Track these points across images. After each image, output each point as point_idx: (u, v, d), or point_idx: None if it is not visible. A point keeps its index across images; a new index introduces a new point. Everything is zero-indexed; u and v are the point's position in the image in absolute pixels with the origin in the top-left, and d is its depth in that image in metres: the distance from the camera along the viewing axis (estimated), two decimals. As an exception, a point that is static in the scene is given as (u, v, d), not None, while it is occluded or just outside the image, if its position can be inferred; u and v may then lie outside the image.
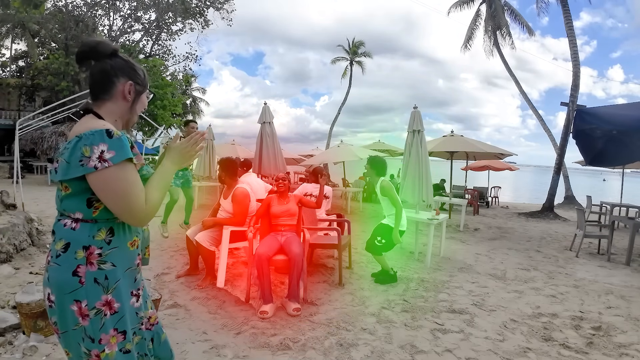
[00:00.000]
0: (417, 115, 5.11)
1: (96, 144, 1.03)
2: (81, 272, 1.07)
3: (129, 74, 1.19)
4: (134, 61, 1.25)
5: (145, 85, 1.26)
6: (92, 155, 1.02)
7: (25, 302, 2.34)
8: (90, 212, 1.09)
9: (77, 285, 1.06)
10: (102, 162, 1.02)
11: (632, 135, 4.55)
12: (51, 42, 17.00)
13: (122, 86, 1.18)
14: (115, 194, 1.05)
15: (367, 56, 31.54)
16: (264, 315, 2.89)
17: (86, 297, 1.07)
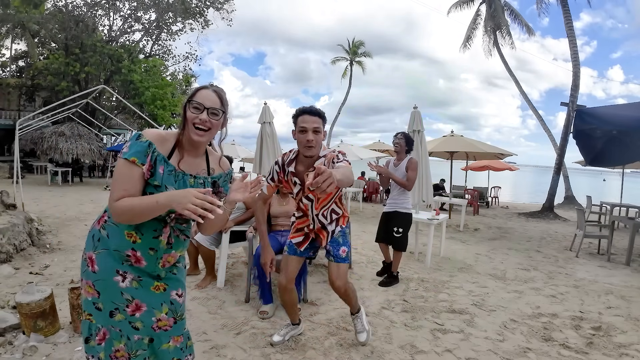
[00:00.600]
0: (417, 116, 5.11)
1: (129, 140, 1.28)
2: (94, 225, 1.37)
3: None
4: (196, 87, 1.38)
5: (188, 99, 1.33)
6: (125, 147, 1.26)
7: (25, 302, 2.34)
8: None
9: (87, 237, 1.37)
10: (122, 152, 1.24)
11: (632, 135, 4.56)
12: (51, 42, 17.00)
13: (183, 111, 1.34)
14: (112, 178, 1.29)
15: (367, 56, 31.58)
16: (264, 315, 2.89)
17: (86, 244, 1.36)
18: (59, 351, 2.27)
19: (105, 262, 1.30)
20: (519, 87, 17.01)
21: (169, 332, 1.41)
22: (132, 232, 1.29)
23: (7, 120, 17.69)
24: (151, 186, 1.26)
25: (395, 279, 3.88)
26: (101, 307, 1.32)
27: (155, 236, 1.31)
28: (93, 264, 1.30)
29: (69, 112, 10.39)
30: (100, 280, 1.30)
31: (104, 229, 1.31)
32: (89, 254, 1.32)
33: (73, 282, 3.33)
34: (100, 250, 1.30)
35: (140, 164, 1.23)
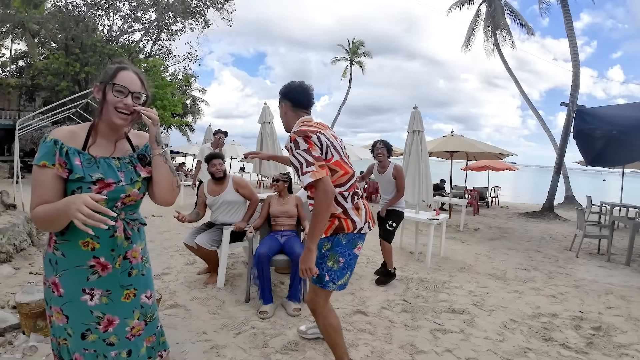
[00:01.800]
0: (417, 116, 5.12)
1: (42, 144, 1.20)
2: (46, 249, 1.28)
3: (98, 78, 1.28)
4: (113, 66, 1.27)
5: (105, 79, 1.24)
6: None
7: (25, 302, 2.34)
8: None
9: (45, 259, 1.28)
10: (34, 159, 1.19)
11: (632, 136, 4.55)
12: (51, 42, 16.99)
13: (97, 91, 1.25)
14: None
15: (367, 56, 31.60)
16: (264, 315, 2.88)
17: (45, 269, 1.27)
18: (59, 351, 2.27)
19: (70, 283, 1.23)
20: (519, 87, 17.01)
21: (142, 336, 1.37)
22: (87, 240, 1.21)
23: (7, 120, 17.68)
24: (74, 182, 1.19)
25: (391, 276, 3.89)
26: (71, 333, 1.26)
27: (111, 235, 1.24)
28: (58, 287, 1.23)
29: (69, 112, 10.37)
30: (68, 303, 1.23)
31: (57, 250, 1.23)
32: (51, 280, 1.24)
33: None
34: (61, 272, 1.22)
35: (51, 165, 1.17)
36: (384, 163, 4.06)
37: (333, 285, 1.92)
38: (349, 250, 1.93)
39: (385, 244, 3.92)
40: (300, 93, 2.00)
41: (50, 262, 1.25)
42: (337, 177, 1.89)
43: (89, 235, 1.15)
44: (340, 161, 1.91)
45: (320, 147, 1.83)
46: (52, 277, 1.24)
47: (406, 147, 5.30)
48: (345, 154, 2.02)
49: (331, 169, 1.86)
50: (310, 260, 1.78)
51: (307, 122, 1.95)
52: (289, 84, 2.06)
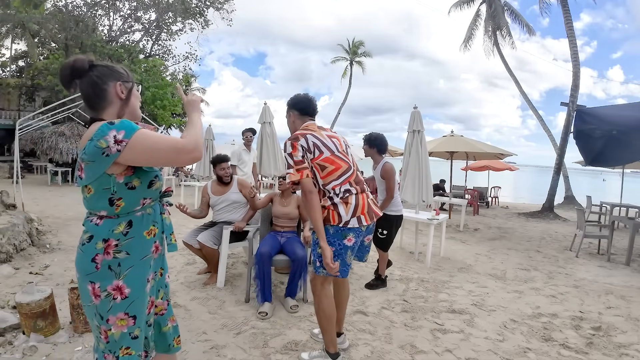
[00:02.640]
0: (417, 116, 5.11)
1: (106, 134, 1.14)
2: (98, 259, 1.22)
3: (113, 76, 1.29)
4: (112, 64, 1.33)
5: (130, 79, 1.34)
6: (109, 143, 1.14)
7: (25, 302, 2.34)
8: (113, 209, 1.24)
9: (93, 270, 1.22)
10: (119, 144, 1.14)
11: (632, 136, 4.55)
12: (51, 42, 16.98)
13: (113, 89, 1.28)
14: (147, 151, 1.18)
15: (366, 56, 31.62)
16: (262, 316, 2.88)
17: (99, 280, 1.22)
18: (59, 351, 2.27)
19: (136, 278, 1.27)
20: (519, 87, 17.01)
21: (165, 316, 1.49)
22: (151, 227, 1.32)
23: (7, 120, 17.69)
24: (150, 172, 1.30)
25: (382, 283, 3.76)
26: (138, 334, 1.29)
27: (162, 218, 1.39)
28: (122, 290, 1.24)
29: (69, 112, 10.38)
30: (135, 301, 1.26)
31: (118, 253, 1.24)
32: (113, 285, 1.23)
33: (73, 282, 3.33)
34: (126, 272, 1.25)
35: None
36: (375, 159, 3.76)
37: (323, 270, 2.09)
38: (339, 241, 2.07)
39: (379, 251, 3.77)
40: (305, 104, 2.26)
41: (109, 268, 1.23)
42: (328, 172, 2.08)
43: (152, 223, 1.31)
44: (331, 157, 2.09)
45: (307, 149, 2.06)
46: (112, 282, 1.22)
47: (406, 147, 5.29)
48: (342, 150, 2.18)
49: (320, 165, 2.07)
50: (326, 257, 2.00)
51: (306, 126, 2.18)
52: (296, 96, 2.31)
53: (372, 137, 3.72)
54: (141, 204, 1.29)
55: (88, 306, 1.26)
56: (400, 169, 5.61)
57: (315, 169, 2.07)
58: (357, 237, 2.11)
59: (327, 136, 2.15)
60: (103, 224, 1.24)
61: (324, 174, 2.07)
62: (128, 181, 1.23)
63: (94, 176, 1.19)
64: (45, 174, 13.55)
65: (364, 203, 2.12)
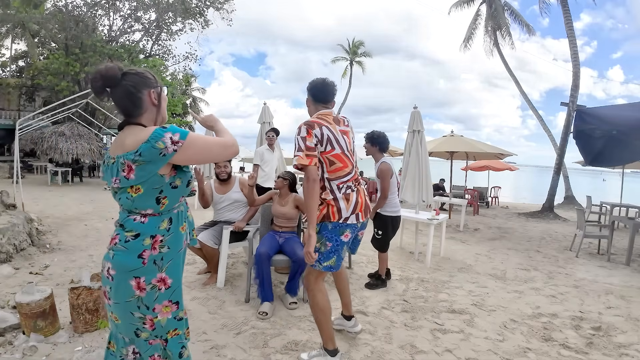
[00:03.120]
0: (417, 116, 5.11)
1: (163, 136, 1.24)
2: (145, 255, 1.31)
3: (145, 83, 1.34)
4: (141, 69, 1.38)
5: (158, 83, 1.40)
6: (166, 144, 1.23)
7: (25, 302, 2.34)
8: (159, 207, 1.33)
9: (139, 266, 1.30)
10: (175, 144, 1.24)
11: (632, 136, 4.55)
12: (51, 42, 16.97)
13: (147, 97, 1.35)
14: (204, 150, 1.33)
15: (366, 56, 31.62)
16: (263, 316, 2.88)
17: (144, 275, 1.31)
18: (59, 351, 2.27)
19: (175, 269, 1.39)
20: (519, 87, 17.01)
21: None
22: (184, 224, 1.44)
23: (7, 120, 17.69)
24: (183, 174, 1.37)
25: (382, 282, 3.76)
26: (182, 316, 1.45)
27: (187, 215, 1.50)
28: (165, 281, 1.35)
29: (69, 112, 10.39)
30: (176, 289, 1.40)
31: (163, 247, 1.34)
32: (157, 278, 1.33)
33: (73, 282, 3.33)
34: (167, 265, 1.35)
35: None
36: (376, 157, 3.75)
37: (319, 265, 2.13)
38: (336, 237, 2.12)
39: (378, 252, 3.80)
40: (319, 89, 2.24)
41: (154, 263, 1.32)
42: (336, 169, 2.12)
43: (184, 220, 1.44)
44: (340, 154, 2.12)
45: (320, 140, 2.06)
46: (157, 275, 1.33)
47: (406, 147, 5.30)
48: (350, 149, 2.21)
49: (329, 160, 2.10)
50: (310, 244, 2.01)
51: (322, 115, 2.18)
52: (314, 80, 2.28)
53: (374, 135, 3.73)
54: (179, 202, 1.41)
55: (128, 302, 1.32)
56: (399, 168, 5.60)
57: (323, 161, 2.10)
58: (352, 233, 2.18)
59: (340, 132, 2.16)
60: (149, 221, 1.33)
61: (331, 169, 2.11)
62: (172, 181, 1.32)
63: (146, 176, 1.26)
64: (45, 174, 13.55)
65: (362, 200, 2.19)
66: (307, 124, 2.07)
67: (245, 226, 3.63)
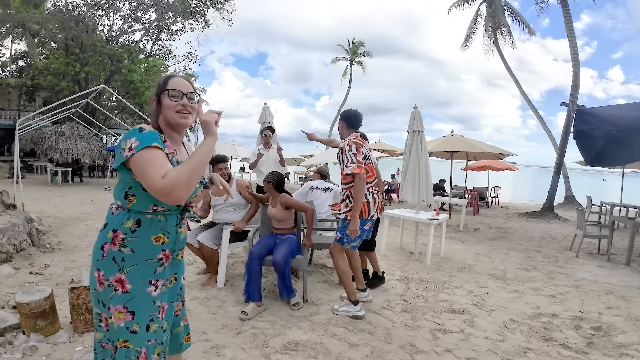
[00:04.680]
0: (417, 116, 5.11)
1: (129, 138, 1.23)
2: (105, 248, 1.28)
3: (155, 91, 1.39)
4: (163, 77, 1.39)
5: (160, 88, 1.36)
6: (125, 147, 1.22)
7: (25, 302, 2.34)
8: (126, 203, 1.30)
9: (100, 257, 1.29)
10: (129, 151, 1.21)
11: (632, 136, 4.54)
12: (51, 42, 16.97)
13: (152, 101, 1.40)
14: (138, 173, 1.22)
15: (367, 56, 31.61)
16: (243, 316, 2.83)
17: (103, 269, 1.28)
18: (59, 351, 2.27)
19: (138, 277, 1.29)
20: (519, 87, 17.01)
21: (179, 316, 1.52)
22: (160, 235, 1.32)
23: (7, 120, 17.67)
24: None
25: (380, 280, 3.76)
26: (137, 329, 1.28)
27: (177, 230, 1.38)
28: (124, 284, 1.27)
29: (69, 112, 10.38)
30: (135, 298, 1.28)
31: (124, 247, 1.27)
32: (116, 277, 1.27)
33: (73, 282, 3.32)
34: (129, 268, 1.28)
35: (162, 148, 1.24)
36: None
37: (347, 244, 2.97)
38: (362, 226, 2.91)
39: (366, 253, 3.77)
40: (352, 119, 3.07)
41: (114, 260, 1.27)
42: (368, 176, 2.93)
43: (162, 231, 1.32)
44: (372, 166, 2.98)
45: (364, 157, 2.90)
46: (115, 274, 1.27)
47: (406, 147, 5.29)
48: (374, 162, 3.03)
49: (366, 169, 2.89)
50: (355, 224, 2.80)
51: (357, 138, 2.97)
52: (347, 110, 3.14)
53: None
54: (151, 209, 1.30)
55: (93, 292, 1.31)
56: (398, 168, 5.60)
57: None
58: (371, 224, 3.01)
59: (368, 149, 2.98)
60: (117, 214, 1.30)
61: (366, 176, 2.88)
62: None
63: (117, 164, 1.26)
64: (45, 174, 13.55)
65: (380, 201, 3.02)
66: (356, 144, 2.87)
67: (245, 226, 3.62)
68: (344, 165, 2.84)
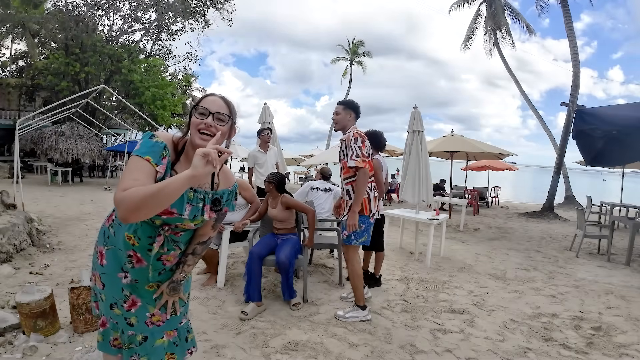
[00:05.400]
0: (417, 115, 5.12)
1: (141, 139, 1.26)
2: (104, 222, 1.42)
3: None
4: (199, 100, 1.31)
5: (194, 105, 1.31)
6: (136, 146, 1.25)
7: (25, 302, 2.34)
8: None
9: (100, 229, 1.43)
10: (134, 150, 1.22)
11: (632, 136, 4.54)
12: (51, 42, 16.97)
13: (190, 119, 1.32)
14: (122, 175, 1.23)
15: (367, 56, 31.61)
16: (243, 316, 2.84)
17: (98, 238, 1.42)
18: (59, 351, 2.27)
19: (112, 258, 1.35)
20: (520, 88, 17.01)
21: (162, 327, 1.43)
22: (131, 235, 1.28)
23: (7, 120, 17.66)
24: None
25: (377, 282, 3.77)
26: (103, 299, 1.39)
27: (150, 243, 1.29)
28: (102, 257, 1.37)
29: (69, 112, 10.39)
30: (106, 274, 1.36)
31: (111, 227, 1.35)
32: (99, 248, 1.38)
33: (73, 282, 3.33)
34: (109, 247, 1.35)
35: (154, 163, 1.17)
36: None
37: (355, 241, 2.85)
38: (367, 220, 2.86)
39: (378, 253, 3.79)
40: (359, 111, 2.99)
41: (104, 234, 1.38)
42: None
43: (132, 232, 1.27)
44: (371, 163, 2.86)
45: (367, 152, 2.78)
46: (100, 246, 1.38)
47: (406, 147, 5.30)
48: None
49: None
50: (354, 218, 2.75)
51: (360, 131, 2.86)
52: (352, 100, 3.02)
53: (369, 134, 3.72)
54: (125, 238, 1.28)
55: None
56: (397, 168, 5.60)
57: None
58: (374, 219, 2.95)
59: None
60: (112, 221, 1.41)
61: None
62: None
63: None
64: (45, 174, 13.55)
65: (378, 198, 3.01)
66: (361, 136, 2.76)
67: (245, 226, 3.62)
68: (347, 157, 2.70)
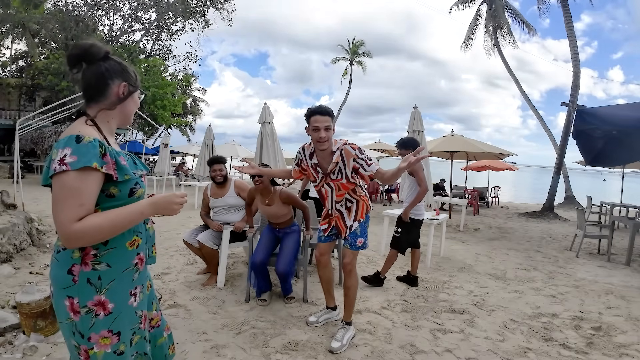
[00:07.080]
0: (417, 115, 5.12)
1: (62, 148, 1.02)
2: (75, 271, 1.09)
3: (122, 75, 1.20)
4: (125, 62, 1.25)
5: (137, 85, 1.25)
6: (56, 158, 1.01)
7: (25, 302, 2.34)
8: None
9: (70, 283, 1.09)
10: (61, 165, 1.00)
11: (632, 135, 4.55)
12: (51, 42, 17.01)
13: (116, 88, 1.18)
14: (55, 199, 1.02)
15: (367, 56, 31.59)
16: (262, 303, 3.03)
17: (78, 295, 1.09)
18: (59, 351, 2.27)
19: (119, 292, 1.16)
20: (520, 88, 17.02)
21: (160, 327, 1.43)
22: (134, 238, 1.20)
23: (7, 120, 17.68)
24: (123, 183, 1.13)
25: (379, 282, 3.76)
26: (124, 349, 1.17)
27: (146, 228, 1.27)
28: (105, 306, 1.12)
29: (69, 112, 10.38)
30: (119, 316, 1.15)
31: (98, 264, 1.11)
32: (95, 300, 1.10)
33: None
34: (108, 286, 1.13)
35: (101, 167, 1.05)
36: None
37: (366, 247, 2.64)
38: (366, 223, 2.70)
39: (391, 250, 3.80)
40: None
41: (89, 282, 1.10)
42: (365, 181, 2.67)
43: (135, 233, 1.19)
44: None
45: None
46: (94, 297, 1.10)
47: (406, 147, 5.29)
48: None
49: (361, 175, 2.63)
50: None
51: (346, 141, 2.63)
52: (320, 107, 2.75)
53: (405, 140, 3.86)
54: None
55: (64, 323, 1.12)
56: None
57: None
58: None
59: None
60: None
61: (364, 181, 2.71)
62: (105, 189, 1.10)
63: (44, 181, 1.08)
64: (46, 174, 13.55)
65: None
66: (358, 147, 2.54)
67: (245, 227, 3.62)
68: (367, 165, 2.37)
